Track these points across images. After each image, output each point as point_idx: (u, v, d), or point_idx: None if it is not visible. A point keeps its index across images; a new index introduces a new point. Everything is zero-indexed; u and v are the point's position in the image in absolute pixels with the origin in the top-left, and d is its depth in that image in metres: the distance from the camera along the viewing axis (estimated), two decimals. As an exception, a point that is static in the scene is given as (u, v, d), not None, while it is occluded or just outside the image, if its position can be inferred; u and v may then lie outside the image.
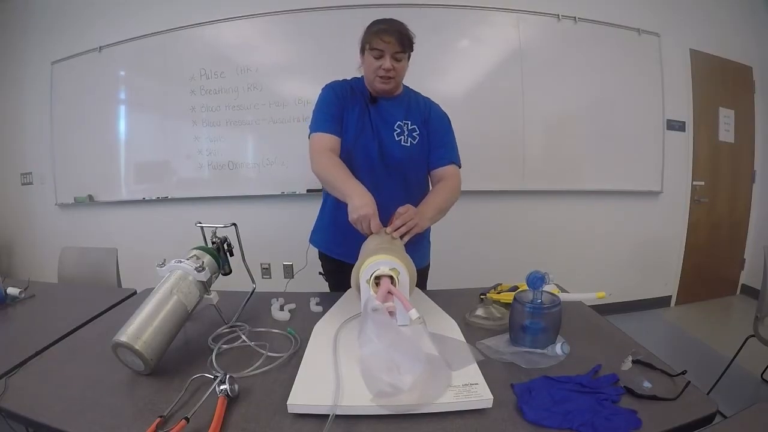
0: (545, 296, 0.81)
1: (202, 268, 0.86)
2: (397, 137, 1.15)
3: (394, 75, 1.10)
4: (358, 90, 1.18)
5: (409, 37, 1.09)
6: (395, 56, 1.08)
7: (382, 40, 1.05)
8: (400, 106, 1.19)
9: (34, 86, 2.72)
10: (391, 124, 1.16)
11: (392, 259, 0.80)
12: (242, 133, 2.52)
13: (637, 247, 2.76)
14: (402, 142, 1.16)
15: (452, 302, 1.02)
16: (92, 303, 1.13)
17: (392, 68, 1.08)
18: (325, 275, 1.37)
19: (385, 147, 1.14)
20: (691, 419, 0.58)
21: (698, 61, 2.69)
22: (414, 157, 1.18)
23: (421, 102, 1.24)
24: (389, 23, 1.08)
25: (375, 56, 1.08)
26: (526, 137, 2.50)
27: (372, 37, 1.07)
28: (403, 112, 1.18)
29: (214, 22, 2.44)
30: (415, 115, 1.19)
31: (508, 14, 2.42)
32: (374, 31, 1.07)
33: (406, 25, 1.09)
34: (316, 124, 1.15)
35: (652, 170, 2.67)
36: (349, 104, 1.15)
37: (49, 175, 2.77)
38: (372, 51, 1.08)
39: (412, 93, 1.25)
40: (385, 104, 1.17)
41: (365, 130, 1.15)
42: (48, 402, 0.66)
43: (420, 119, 1.19)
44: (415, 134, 1.17)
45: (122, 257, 1.72)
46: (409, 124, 1.17)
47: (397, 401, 0.60)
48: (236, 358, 0.79)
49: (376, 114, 1.16)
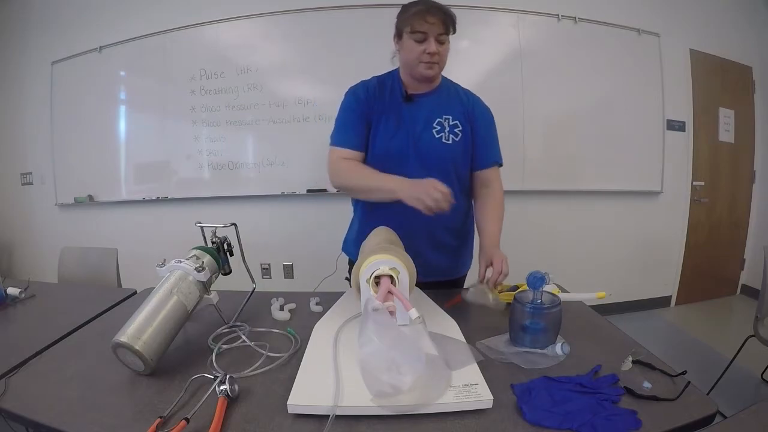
0: (545, 296, 0.81)
1: (202, 268, 0.85)
2: (437, 134, 1.06)
3: (439, 60, 1.01)
4: (389, 87, 1.08)
5: (452, 17, 1.00)
6: (439, 38, 0.99)
7: (426, 21, 0.96)
8: (438, 100, 1.09)
9: (34, 86, 2.72)
10: (430, 121, 1.07)
11: (392, 259, 0.79)
12: (242, 133, 2.52)
13: (637, 247, 2.76)
14: (443, 140, 1.06)
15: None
16: (92, 303, 1.13)
17: (437, 52, 0.99)
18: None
19: (423, 147, 1.05)
20: (691, 419, 0.58)
21: (698, 61, 2.69)
22: (457, 155, 1.09)
23: (462, 94, 1.14)
24: (429, 3, 0.98)
25: (417, 39, 0.98)
26: (526, 137, 2.50)
27: (413, 19, 0.98)
28: (443, 107, 1.08)
29: (214, 22, 2.44)
30: (456, 109, 1.09)
31: (508, 14, 2.42)
32: (415, 12, 0.98)
33: (448, 7, 1.00)
34: (337, 137, 1.07)
35: (652, 170, 2.67)
36: (379, 106, 1.06)
37: (49, 175, 2.77)
38: (413, 34, 0.98)
39: (450, 84, 1.15)
40: (421, 100, 1.07)
41: (400, 130, 1.06)
42: (48, 402, 0.66)
43: (462, 114, 1.09)
44: (457, 130, 1.08)
45: (122, 257, 1.72)
46: (450, 120, 1.07)
47: (397, 401, 0.60)
48: (236, 358, 0.79)
49: (413, 111, 1.07)
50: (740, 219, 3.05)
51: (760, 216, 3.03)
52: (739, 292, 3.13)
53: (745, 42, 2.85)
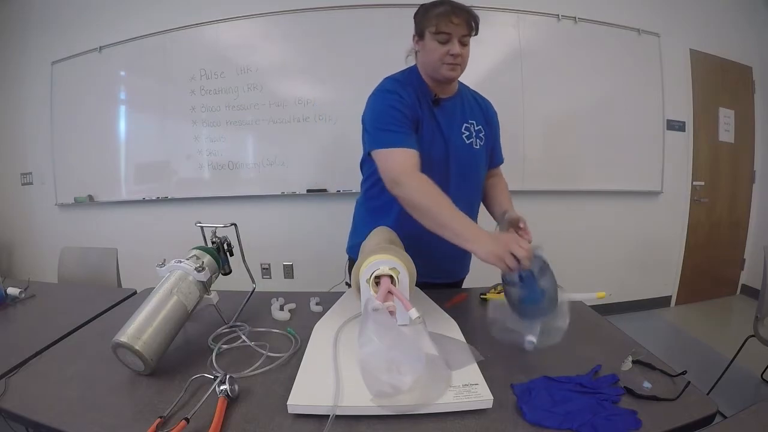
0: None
1: (202, 268, 0.85)
2: (468, 140, 1.06)
3: (461, 62, 0.99)
4: (418, 89, 1.03)
5: (477, 18, 0.97)
6: (462, 40, 0.96)
7: (452, 21, 0.93)
8: (462, 104, 1.09)
9: (34, 86, 2.72)
10: (459, 125, 1.06)
11: (392, 259, 0.80)
12: (242, 133, 2.52)
13: (637, 247, 2.76)
14: (474, 145, 1.07)
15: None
16: (92, 303, 1.13)
17: (459, 54, 0.96)
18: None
19: (456, 152, 1.04)
20: (691, 419, 0.58)
21: (698, 61, 2.69)
22: (484, 160, 1.12)
23: (479, 99, 1.16)
24: (454, 3, 0.96)
25: (441, 41, 0.96)
26: (526, 137, 2.50)
27: (438, 19, 0.95)
28: (467, 112, 1.09)
29: (214, 22, 2.44)
30: (477, 113, 1.11)
31: (508, 14, 2.42)
32: (439, 13, 0.95)
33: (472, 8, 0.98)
34: (389, 136, 0.95)
35: (652, 170, 2.67)
36: (418, 108, 1.00)
37: (49, 175, 2.77)
38: (438, 35, 0.95)
39: (465, 88, 1.14)
40: (447, 105, 1.06)
41: (436, 136, 1.03)
42: (48, 402, 0.66)
43: (483, 118, 1.12)
44: (481, 135, 1.10)
45: (122, 257, 1.72)
46: (475, 124, 1.09)
47: (397, 401, 0.60)
48: (236, 358, 0.79)
49: (442, 116, 1.04)
50: (740, 219, 3.05)
51: (760, 216, 3.03)
52: (739, 292, 3.13)
53: (745, 42, 2.85)
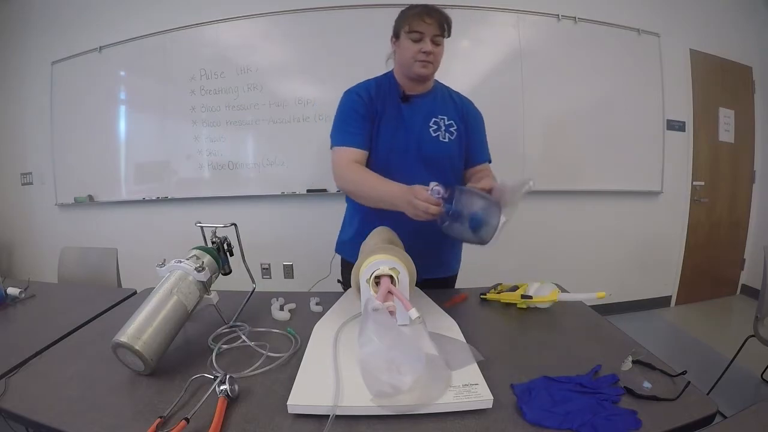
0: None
1: (202, 268, 0.85)
2: (434, 133, 1.11)
3: (433, 60, 1.05)
4: (386, 87, 1.13)
5: (448, 20, 1.06)
6: (434, 39, 1.04)
7: (424, 21, 1.02)
8: (434, 100, 1.14)
9: (34, 86, 2.72)
10: (427, 120, 1.11)
11: (392, 259, 0.80)
12: (242, 133, 2.52)
13: (637, 247, 2.76)
14: (440, 138, 1.11)
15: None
16: (92, 303, 1.13)
17: (431, 52, 1.03)
18: (344, 283, 1.31)
19: (422, 144, 1.09)
20: (691, 419, 0.58)
21: (698, 61, 2.69)
22: (453, 153, 1.14)
23: (455, 96, 1.20)
24: (427, 5, 1.04)
25: (414, 39, 1.04)
26: (526, 137, 2.50)
27: (412, 19, 1.03)
28: (437, 107, 1.13)
29: (214, 22, 2.44)
30: (450, 109, 1.14)
31: (508, 14, 2.42)
32: (414, 13, 1.03)
33: (445, 10, 1.07)
34: (340, 136, 1.08)
35: (652, 170, 2.67)
36: (379, 106, 1.10)
37: (49, 175, 2.77)
38: (411, 34, 1.04)
39: (443, 87, 1.20)
40: (417, 101, 1.12)
41: (400, 129, 1.10)
42: (48, 402, 0.66)
43: (456, 114, 1.15)
44: (452, 129, 1.13)
45: (122, 257, 1.72)
46: (445, 119, 1.12)
47: (397, 401, 0.60)
48: (236, 358, 0.79)
49: (410, 111, 1.11)
50: (740, 219, 3.05)
51: (760, 216, 3.03)
52: (739, 292, 3.13)
53: (745, 42, 2.85)
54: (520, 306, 1.01)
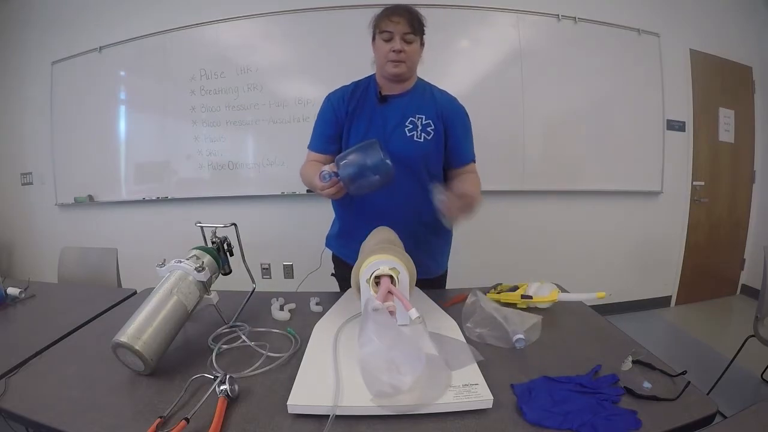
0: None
1: (202, 268, 0.85)
2: (409, 133, 1.11)
3: (405, 58, 1.06)
4: (363, 90, 1.15)
5: (419, 18, 1.06)
6: (405, 38, 1.04)
7: (391, 20, 1.04)
8: (412, 100, 1.13)
9: (34, 86, 2.72)
10: (403, 120, 1.11)
11: (392, 259, 0.80)
12: (242, 133, 2.52)
13: (637, 247, 2.76)
14: (415, 138, 1.10)
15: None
16: (92, 303, 1.13)
17: (402, 50, 1.04)
18: (336, 277, 1.35)
19: (393, 145, 1.08)
20: (691, 419, 0.58)
21: (698, 61, 2.69)
22: (430, 153, 1.12)
23: (437, 94, 1.17)
24: (398, 4, 1.07)
25: (385, 39, 1.05)
26: (526, 137, 2.50)
27: (381, 20, 1.06)
28: (415, 107, 1.13)
29: (214, 22, 2.44)
30: (429, 108, 1.13)
31: (508, 14, 2.42)
32: (382, 14, 1.07)
33: (416, 9, 1.08)
34: (310, 141, 1.21)
35: (652, 170, 2.67)
36: (352, 108, 1.12)
37: (49, 175, 2.77)
38: (382, 34, 1.06)
39: (427, 86, 1.19)
40: (395, 101, 1.13)
41: (372, 129, 1.11)
42: (48, 402, 0.66)
43: (435, 113, 1.13)
44: (429, 129, 1.11)
45: (122, 257, 1.72)
46: (423, 119, 1.11)
47: (397, 401, 0.60)
48: (236, 358, 0.79)
49: (386, 112, 1.12)
50: (740, 219, 3.05)
51: (760, 216, 3.03)
52: (739, 292, 3.13)
53: (745, 42, 2.85)
54: (520, 306, 1.01)
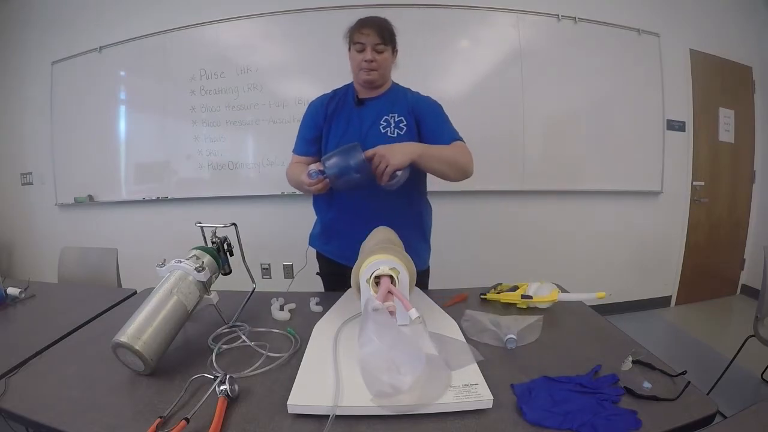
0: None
1: (202, 268, 0.85)
2: (383, 130, 1.18)
3: (376, 66, 1.14)
4: (342, 95, 1.24)
5: (389, 29, 1.14)
6: (376, 48, 1.13)
7: (362, 33, 1.12)
8: (386, 101, 1.21)
9: (34, 86, 2.72)
10: (378, 119, 1.19)
11: (392, 259, 0.80)
12: (242, 133, 2.52)
13: (637, 247, 2.76)
14: (389, 134, 1.18)
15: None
16: (92, 303, 1.13)
17: (374, 60, 1.13)
18: (321, 275, 1.40)
19: (370, 141, 1.15)
20: (691, 419, 0.58)
21: (698, 61, 2.69)
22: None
23: (409, 95, 1.25)
24: (368, 17, 1.16)
25: (358, 50, 1.14)
26: (526, 137, 2.50)
27: (353, 33, 1.15)
28: (389, 107, 1.20)
29: (214, 22, 2.44)
30: (401, 107, 1.21)
31: (508, 14, 2.42)
32: (354, 27, 1.16)
33: (387, 20, 1.16)
34: (294, 146, 1.28)
35: (652, 170, 2.67)
36: (330, 112, 1.22)
37: (49, 175, 2.77)
38: (355, 45, 1.14)
39: (401, 88, 1.27)
40: (371, 103, 1.21)
41: (350, 129, 1.19)
42: (48, 402, 0.66)
43: (407, 110, 1.20)
44: (402, 125, 1.19)
45: (122, 257, 1.72)
46: (396, 116, 1.19)
47: (397, 401, 0.60)
48: (236, 358, 0.79)
49: (363, 113, 1.20)
50: (740, 219, 3.05)
51: (760, 216, 3.03)
52: (739, 292, 3.13)
53: (745, 42, 2.85)
54: (520, 306, 1.01)
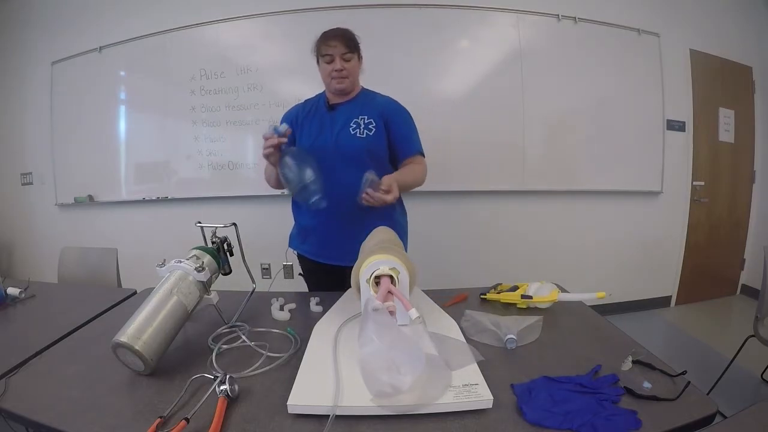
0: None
1: (202, 268, 0.86)
2: (353, 131, 1.24)
3: (347, 74, 1.22)
4: (314, 103, 1.34)
5: (353, 39, 1.22)
6: (344, 57, 1.20)
7: (329, 45, 1.20)
8: (356, 105, 1.28)
9: (34, 86, 2.72)
10: (348, 122, 1.25)
11: (392, 259, 0.80)
12: (242, 133, 2.52)
13: (637, 247, 2.76)
14: (358, 135, 1.24)
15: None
16: (92, 303, 1.13)
17: (343, 68, 1.20)
18: (304, 275, 1.43)
19: (341, 142, 1.23)
20: (691, 419, 0.59)
21: (698, 61, 2.69)
22: (371, 146, 1.25)
23: (379, 99, 1.32)
24: (333, 29, 1.23)
25: (327, 61, 1.22)
26: (525, 137, 2.50)
27: (320, 45, 1.23)
28: (359, 110, 1.27)
29: (214, 22, 2.44)
30: (371, 110, 1.27)
31: (508, 14, 2.42)
32: (320, 40, 1.23)
33: (350, 30, 1.24)
34: None
35: (652, 170, 2.67)
36: (302, 117, 1.32)
37: (49, 175, 2.77)
38: (323, 57, 1.22)
39: (369, 93, 1.34)
40: (341, 108, 1.28)
41: (323, 132, 1.27)
42: (48, 402, 0.66)
43: (376, 113, 1.26)
44: (371, 126, 1.24)
45: (122, 257, 1.72)
46: (365, 119, 1.25)
47: (397, 401, 0.60)
48: (236, 358, 0.79)
49: (335, 116, 1.28)
50: (740, 219, 3.05)
51: (760, 216, 3.03)
52: (739, 292, 3.13)
53: (745, 42, 2.85)
54: (520, 306, 1.01)
